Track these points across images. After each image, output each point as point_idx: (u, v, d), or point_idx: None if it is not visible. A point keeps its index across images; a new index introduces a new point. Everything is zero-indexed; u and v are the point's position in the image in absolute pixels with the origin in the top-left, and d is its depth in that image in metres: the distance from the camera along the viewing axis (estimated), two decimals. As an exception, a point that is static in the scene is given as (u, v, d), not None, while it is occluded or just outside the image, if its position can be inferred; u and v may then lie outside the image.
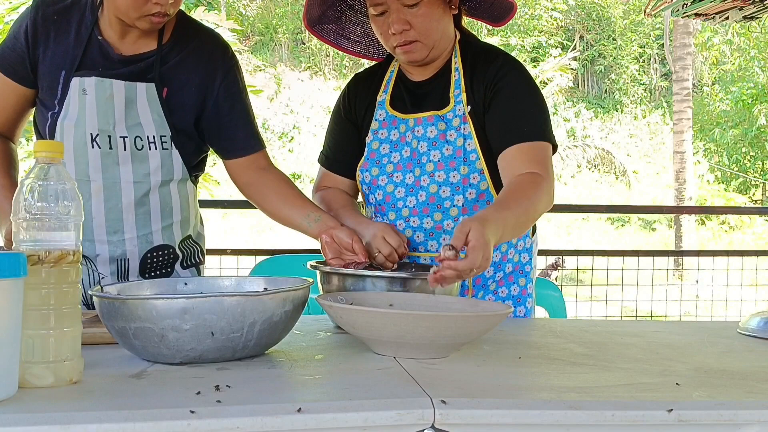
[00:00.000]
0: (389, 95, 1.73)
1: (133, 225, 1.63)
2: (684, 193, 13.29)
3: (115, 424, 0.81)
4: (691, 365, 1.19)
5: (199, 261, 1.79)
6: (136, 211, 1.63)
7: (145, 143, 1.61)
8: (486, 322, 1.18)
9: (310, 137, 19.30)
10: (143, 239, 1.65)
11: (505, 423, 0.90)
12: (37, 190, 0.96)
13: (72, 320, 0.97)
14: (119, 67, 1.59)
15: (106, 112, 1.57)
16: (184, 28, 1.67)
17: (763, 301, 5.11)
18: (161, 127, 1.61)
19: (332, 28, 1.81)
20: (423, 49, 1.62)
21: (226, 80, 1.67)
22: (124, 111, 1.58)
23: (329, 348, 1.28)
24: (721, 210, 14.33)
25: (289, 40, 22.71)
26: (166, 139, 1.62)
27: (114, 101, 1.57)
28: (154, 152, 1.62)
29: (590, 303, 4.98)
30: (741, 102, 18.21)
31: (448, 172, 1.65)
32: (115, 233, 1.62)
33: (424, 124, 1.67)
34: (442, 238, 1.68)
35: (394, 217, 1.71)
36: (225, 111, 1.67)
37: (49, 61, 1.59)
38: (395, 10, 1.57)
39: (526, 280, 1.76)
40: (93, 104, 1.56)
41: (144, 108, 1.60)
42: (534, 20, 22.82)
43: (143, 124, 1.60)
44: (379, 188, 1.72)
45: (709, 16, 3.49)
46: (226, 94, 1.67)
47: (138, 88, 1.59)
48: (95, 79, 1.56)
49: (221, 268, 4.27)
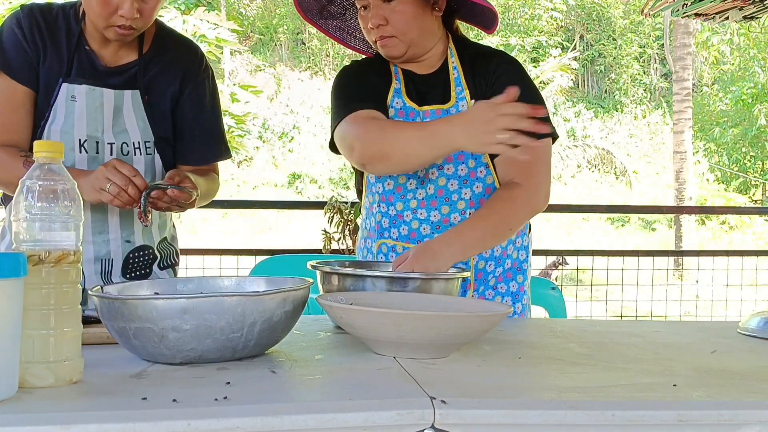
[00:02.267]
0: (402, 85, 1.74)
1: (117, 226, 1.71)
2: (684, 193, 13.30)
3: (115, 424, 0.81)
4: (691, 365, 1.19)
5: (175, 262, 1.89)
6: (120, 213, 1.69)
7: (131, 149, 1.68)
8: (486, 322, 1.18)
9: (310, 137, 19.32)
10: (126, 240, 1.72)
11: (505, 423, 0.90)
12: (37, 190, 0.96)
13: (72, 320, 0.97)
14: (106, 77, 1.65)
15: (96, 119, 1.64)
16: (163, 39, 1.73)
17: (763, 301, 5.11)
18: (145, 133, 1.69)
19: (336, 24, 1.83)
20: (400, 45, 1.65)
21: (194, 92, 1.74)
22: (113, 118, 1.65)
23: (329, 348, 1.28)
24: (721, 210, 14.35)
25: (289, 40, 22.72)
26: (150, 145, 1.70)
27: (104, 109, 1.64)
28: (139, 157, 1.69)
29: (590, 303, 4.99)
30: (741, 102, 18.22)
31: (457, 166, 1.68)
32: (100, 233, 1.69)
33: (433, 117, 1.69)
34: None
35: (401, 208, 1.71)
36: (188, 121, 1.74)
37: (47, 69, 1.63)
38: (374, 5, 1.62)
39: (523, 277, 1.79)
40: (83, 111, 1.62)
41: (130, 115, 1.67)
42: (534, 20, 22.82)
43: (129, 131, 1.67)
44: (390, 178, 1.73)
45: (709, 16, 3.49)
46: (191, 104, 1.74)
47: (125, 96, 1.66)
48: (86, 87, 1.62)
49: (221, 268, 4.28)
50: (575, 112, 21.77)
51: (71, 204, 0.97)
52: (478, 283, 1.73)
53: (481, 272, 1.72)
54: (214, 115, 1.79)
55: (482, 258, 1.71)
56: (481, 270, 1.72)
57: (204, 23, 5.80)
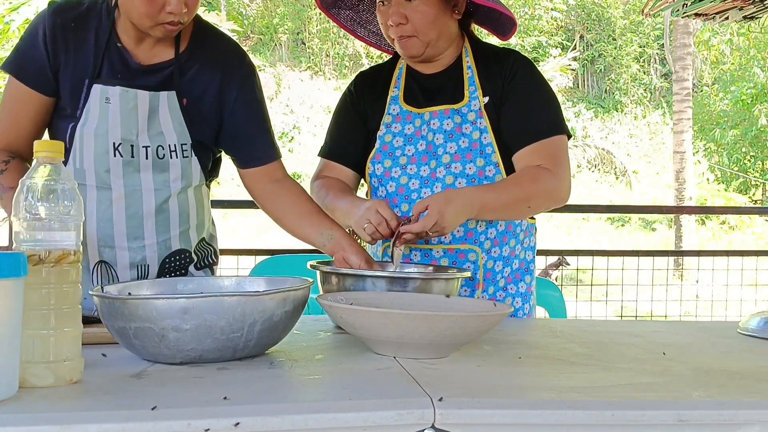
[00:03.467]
0: (401, 91, 1.75)
1: (153, 231, 1.63)
2: (684, 193, 13.29)
3: (115, 424, 0.81)
4: (691, 365, 1.19)
5: (213, 262, 1.81)
6: (156, 218, 1.62)
7: (167, 152, 1.60)
8: (486, 322, 1.18)
9: (310, 137, 19.31)
10: (162, 245, 1.64)
11: (505, 423, 0.90)
12: (37, 190, 0.96)
13: (72, 320, 0.97)
14: (139, 76, 1.58)
15: (130, 122, 1.56)
16: (201, 36, 1.64)
17: (763, 301, 5.11)
18: (182, 135, 1.60)
19: (349, 14, 1.84)
20: (419, 45, 1.66)
21: (242, 90, 1.64)
22: (147, 121, 1.57)
23: (329, 348, 1.28)
24: (721, 210, 14.31)
25: (289, 40, 22.72)
26: (186, 147, 1.62)
27: (138, 111, 1.56)
28: (175, 160, 1.61)
29: (590, 303, 4.99)
30: (741, 102, 18.21)
31: (465, 164, 1.68)
32: (136, 239, 1.61)
33: (440, 117, 1.70)
34: (456, 230, 1.70)
35: (406, 209, 1.72)
36: (241, 121, 1.66)
37: (71, 69, 1.56)
38: (395, 2, 1.62)
39: (531, 278, 1.80)
40: (117, 113, 1.55)
41: (166, 117, 1.58)
42: (534, 20, 22.83)
43: (165, 133, 1.59)
44: (392, 180, 1.73)
45: (709, 16, 3.49)
46: (241, 104, 1.65)
47: (161, 97, 1.57)
48: (120, 89, 1.54)
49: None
50: (575, 112, 21.76)
51: (71, 204, 0.97)
52: (487, 284, 1.72)
53: (489, 272, 1.72)
54: (266, 112, 1.71)
55: (491, 258, 1.71)
56: (490, 270, 1.72)
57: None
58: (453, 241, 1.69)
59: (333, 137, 1.84)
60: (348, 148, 1.80)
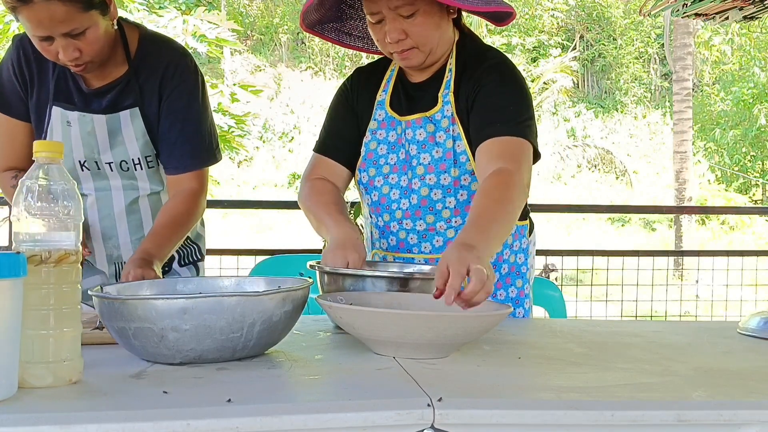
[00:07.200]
0: (389, 95, 1.73)
1: (126, 231, 1.75)
2: (684, 193, 13.30)
3: (115, 424, 0.81)
4: (691, 365, 1.19)
5: (197, 259, 1.89)
6: (128, 218, 1.74)
7: (131, 165, 1.70)
8: (486, 322, 1.18)
9: (310, 137, 19.28)
10: (136, 243, 1.74)
11: (505, 423, 0.90)
12: (37, 190, 0.96)
13: (72, 320, 0.97)
14: (92, 100, 1.67)
15: (90, 144, 1.67)
16: (145, 48, 1.70)
17: (763, 301, 5.11)
18: (146, 148, 1.69)
19: (333, 26, 1.80)
20: (420, 55, 1.61)
21: (170, 98, 1.69)
22: (109, 141, 1.67)
23: (329, 348, 1.28)
24: (721, 210, 14.33)
25: (289, 40, 22.71)
26: (151, 158, 1.71)
27: (96, 134, 1.66)
28: (141, 172, 1.71)
29: (590, 303, 4.98)
30: (741, 102, 18.21)
31: (439, 175, 1.64)
32: (110, 239, 1.75)
33: (413, 127, 1.67)
34: (435, 240, 1.68)
35: (388, 219, 1.71)
36: (164, 129, 1.70)
37: (36, 95, 1.67)
38: (391, 19, 1.55)
39: (523, 281, 1.75)
40: (78, 137, 1.66)
41: (129, 135, 1.67)
42: (534, 20, 22.83)
43: (129, 149, 1.69)
44: (375, 189, 1.72)
45: (709, 16, 3.49)
46: (167, 111, 1.70)
47: (121, 117, 1.66)
48: (78, 114, 1.65)
49: (221, 268, 4.27)
50: (575, 111, 21.77)
51: (71, 204, 0.97)
52: None
53: None
54: (191, 120, 1.71)
55: None
56: None
57: (204, 23, 5.79)
58: (436, 250, 1.67)
59: (328, 132, 1.81)
60: (342, 144, 1.78)
